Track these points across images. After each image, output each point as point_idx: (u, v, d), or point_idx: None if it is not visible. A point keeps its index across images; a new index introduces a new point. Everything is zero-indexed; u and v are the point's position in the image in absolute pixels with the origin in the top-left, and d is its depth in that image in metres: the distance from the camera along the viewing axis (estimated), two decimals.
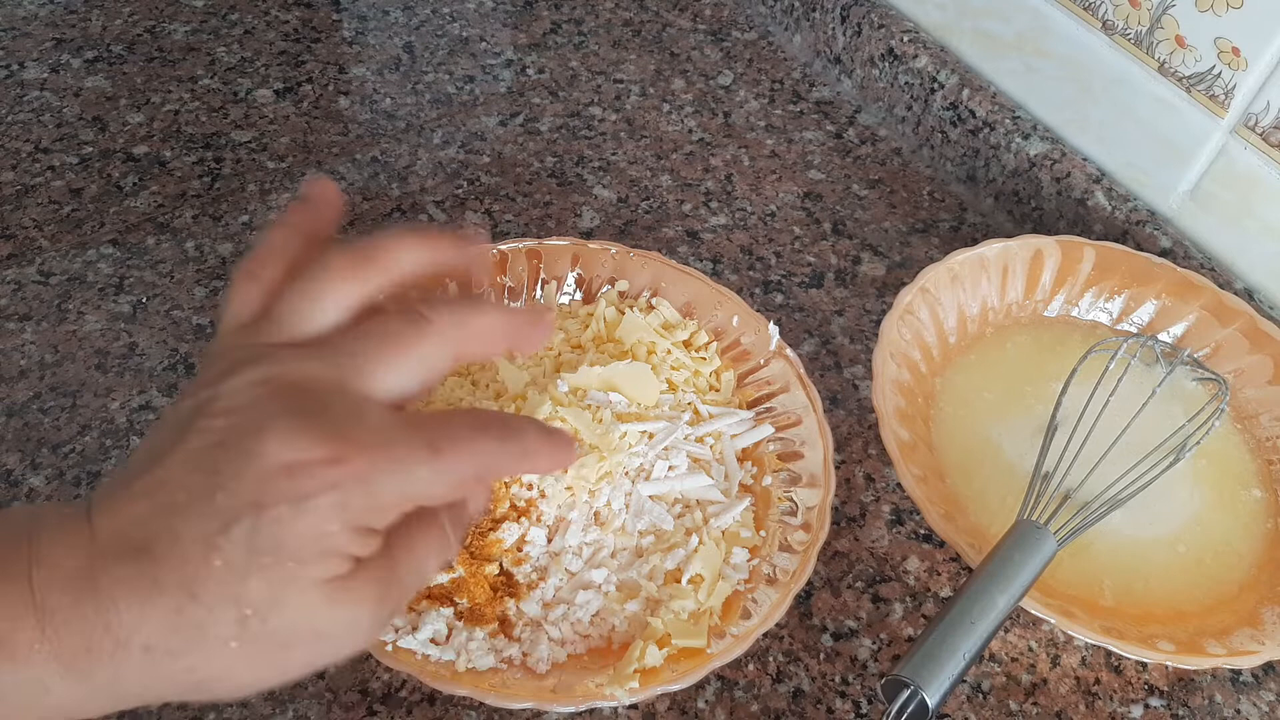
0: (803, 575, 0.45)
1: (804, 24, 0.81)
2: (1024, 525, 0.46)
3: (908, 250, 0.67)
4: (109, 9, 0.79)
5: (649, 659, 0.42)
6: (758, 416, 0.53)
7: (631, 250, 0.56)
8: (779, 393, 0.53)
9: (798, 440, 0.51)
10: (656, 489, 0.48)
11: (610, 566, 0.46)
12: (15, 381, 0.54)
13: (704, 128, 0.75)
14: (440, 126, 0.72)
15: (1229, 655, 0.45)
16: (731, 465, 0.51)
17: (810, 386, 0.51)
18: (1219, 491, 0.54)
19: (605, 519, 0.47)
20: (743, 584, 0.46)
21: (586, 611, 0.45)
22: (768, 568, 0.46)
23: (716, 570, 0.46)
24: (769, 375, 0.53)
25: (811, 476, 0.49)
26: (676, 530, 0.48)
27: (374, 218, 0.65)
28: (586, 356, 0.53)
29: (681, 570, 0.46)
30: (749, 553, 0.48)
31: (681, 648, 0.43)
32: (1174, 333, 0.59)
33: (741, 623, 0.44)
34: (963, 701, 0.47)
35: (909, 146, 0.75)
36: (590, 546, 0.47)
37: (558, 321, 0.55)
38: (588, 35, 0.82)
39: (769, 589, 0.45)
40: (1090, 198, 0.65)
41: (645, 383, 0.51)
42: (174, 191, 0.65)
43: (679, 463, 0.49)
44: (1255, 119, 0.57)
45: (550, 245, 0.56)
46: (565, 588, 0.45)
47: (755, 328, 0.54)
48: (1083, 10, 0.64)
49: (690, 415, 0.52)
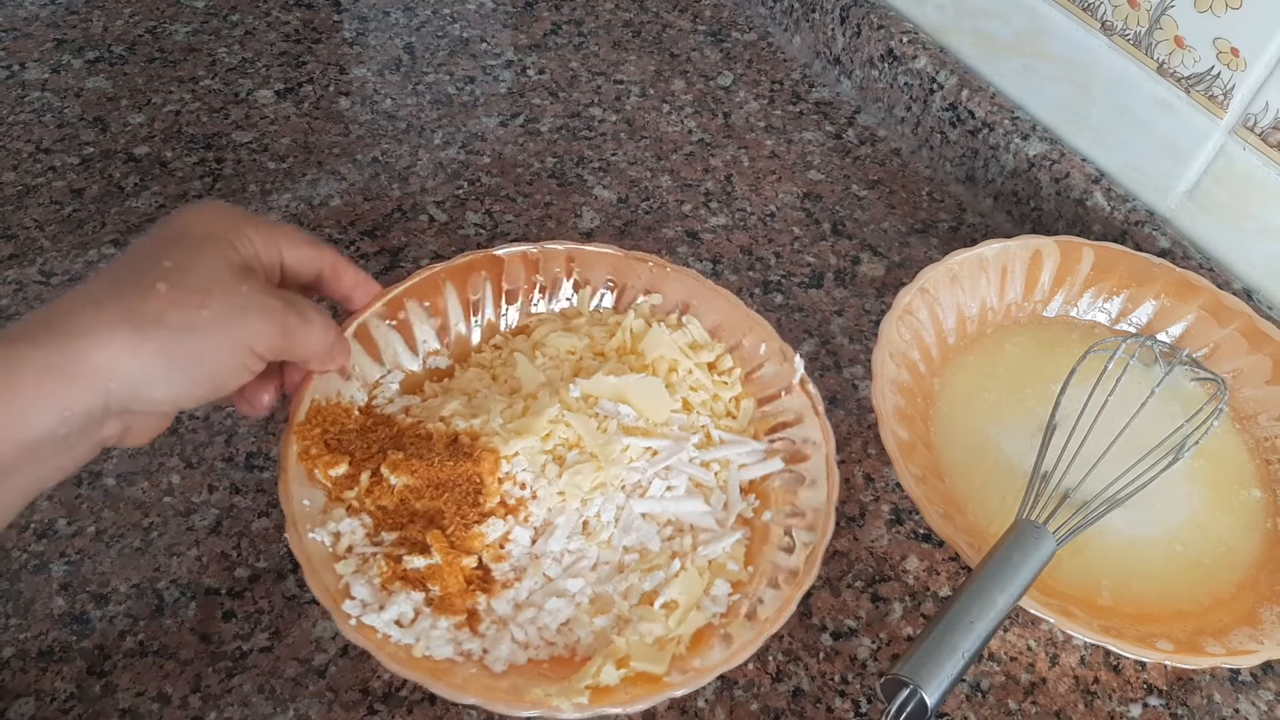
0: (780, 619, 0.43)
1: (804, 25, 0.81)
2: (1023, 525, 0.46)
3: (907, 250, 0.67)
4: (110, 10, 0.79)
5: (604, 677, 0.42)
6: (770, 447, 0.51)
7: (670, 268, 0.55)
8: (794, 424, 0.51)
9: (806, 477, 0.49)
10: (650, 507, 0.48)
11: (588, 578, 0.46)
12: None
13: (704, 128, 0.75)
14: (441, 127, 0.72)
15: (1227, 655, 0.45)
16: (733, 495, 0.49)
17: (826, 425, 0.50)
18: (1217, 491, 0.54)
19: (593, 529, 0.47)
20: (718, 618, 0.45)
21: (555, 619, 0.44)
22: (748, 605, 0.45)
23: (693, 599, 0.45)
24: (787, 405, 0.52)
25: (814, 513, 0.47)
26: (662, 552, 0.47)
27: (374, 218, 0.65)
28: (606, 365, 0.52)
29: (657, 593, 0.45)
30: (732, 587, 0.46)
31: (639, 671, 0.42)
32: (1173, 333, 0.59)
33: (707, 656, 0.43)
34: (962, 700, 0.47)
35: (908, 147, 0.75)
36: (572, 554, 0.46)
37: (585, 327, 0.55)
38: (588, 36, 0.82)
39: (746, 624, 0.44)
40: (1089, 198, 0.65)
41: (657, 398, 0.50)
42: (175, 192, 0.66)
43: (678, 484, 0.49)
44: (1254, 119, 0.57)
45: (589, 251, 0.56)
46: (539, 592, 0.45)
47: (782, 357, 0.52)
48: (1082, 11, 0.64)
49: (701, 438, 0.51)
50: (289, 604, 0.47)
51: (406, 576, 0.44)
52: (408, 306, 0.52)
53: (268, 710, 0.44)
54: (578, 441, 0.48)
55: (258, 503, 0.51)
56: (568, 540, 0.46)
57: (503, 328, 0.56)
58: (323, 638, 0.47)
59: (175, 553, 0.49)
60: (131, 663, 0.45)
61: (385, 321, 0.52)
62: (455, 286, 0.54)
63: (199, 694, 0.44)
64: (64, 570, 0.48)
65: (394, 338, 0.52)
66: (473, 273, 0.54)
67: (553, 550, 0.46)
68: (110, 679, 0.45)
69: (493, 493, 0.46)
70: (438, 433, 0.48)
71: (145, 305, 0.36)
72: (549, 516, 0.47)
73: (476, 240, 0.65)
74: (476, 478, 0.46)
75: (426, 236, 0.64)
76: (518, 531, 0.46)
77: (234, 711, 0.44)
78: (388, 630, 0.42)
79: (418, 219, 0.66)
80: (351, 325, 0.50)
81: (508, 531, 0.46)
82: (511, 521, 0.46)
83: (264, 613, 0.47)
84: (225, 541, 0.49)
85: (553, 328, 0.55)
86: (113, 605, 0.47)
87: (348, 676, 0.46)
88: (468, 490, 0.46)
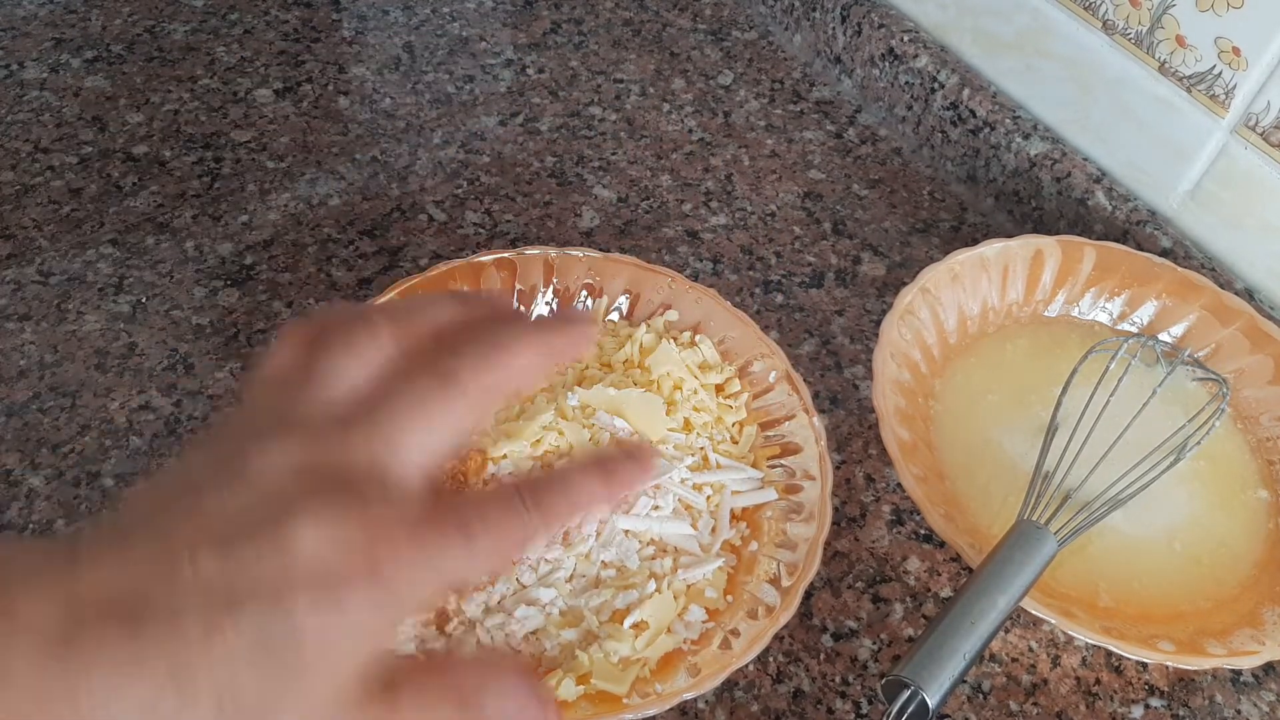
0: (748, 653, 0.43)
1: (804, 24, 0.81)
2: (1024, 525, 0.46)
3: (908, 250, 0.67)
4: (108, 9, 0.79)
5: (563, 692, 0.41)
6: (767, 476, 0.50)
7: (689, 286, 0.55)
8: (791, 453, 0.51)
9: (800, 510, 0.48)
10: (633, 524, 0.47)
11: (561, 589, 0.45)
12: (15, 381, 0.54)
13: (704, 127, 0.75)
14: (440, 126, 0.72)
15: (1229, 655, 0.45)
16: (722, 521, 0.49)
17: (826, 461, 0.49)
18: (1219, 492, 0.54)
19: (572, 541, 0.46)
20: (688, 644, 0.45)
21: (523, 627, 0.44)
22: (722, 635, 0.44)
23: (664, 623, 0.44)
24: (788, 432, 0.51)
25: (804, 545, 0.46)
26: (640, 571, 0.46)
27: (373, 217, 0.65)
28: (610, 376, 0.52)
29: (628, 612, 0.44)
30: (708, 614, 0.46)
31: (599, 690, 0.42)
32: (1174, 333, 0.59)
33: (671, 681, 0.42)
34: (963, 702, 0.47)
35: (909, 146, 0.75)
36: (549, 564, 0.46)
37: (596, 338, 0.54)
38: (588, 35, 0.82)
39: (715, 651, 0.44)
40: (1091, 197, 0.65)
41: (654, 415, 0.50)
42: (173, 191, 0.65)
43: (665, 504, 0.48)
44: (1256, 119, 0.57)
45: (611, 259, 0.56)
46: (510, 598, 0.45)
47: (789, 389, 0.52)
48: (1083, 10, 0.64)
49: (698, 460, 0.50)
50: None
51: None
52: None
53: None
54: (568, 451, 0.48)
55: None
56: (545, 548, 0.46)
57: None
58: None
59: None
60: None
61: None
62: (469, 286, 0.54)
63: None
64: None
65: None
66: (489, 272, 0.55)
67: (529, 557, 0.45)
68: None
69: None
70: None
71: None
72: None
73: (476, 240, 0.65)
74: (461, 476, 0.46)
75: (426, 236, 0.64)
76: None
77: None
78: None
79: (417, 218, 0.65)
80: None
81: None
82: None
83: None
84: None
85: None
86: None
87: None
88: (450, 489, 0.45)
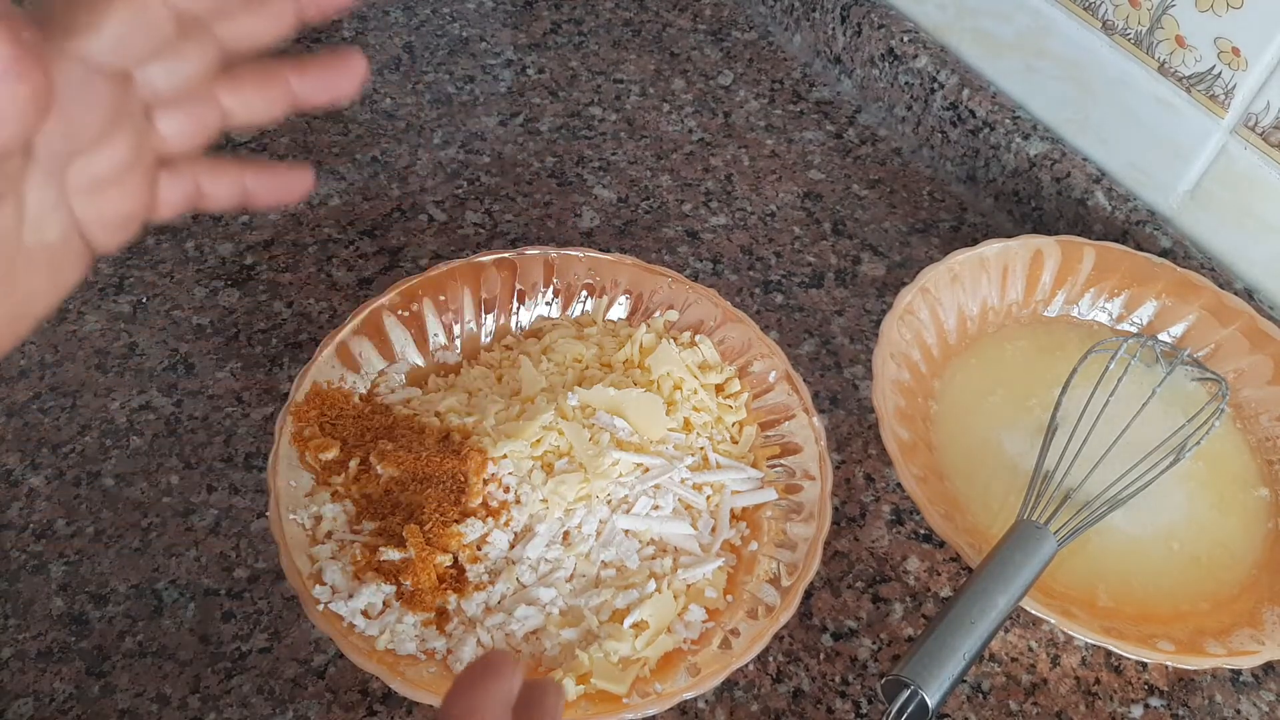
0: (747, 653, 0.43)
1: (804, 24, 0.81)
2: (1024, 525, 0.46)
3: (908, 250, 0.67)
4: None
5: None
6: (767, 476, 0.50)
7: (689, 286, 0.55)
8: (791, 453, 0.51)
9: (800, 510, 0.48)
10: (633, 524, 0.47)
11: (561, 589, 0.45)
12: (15, 381, 0.54)
13: (704, 128, 0.75)
14: (440, 126, 0.72)
15: (1229, 655, 0.45)
16: (722, 521, 0.49)
17: (826, 462, 0.49)
18: (1219, 492, 0.54)
19: (573, 540, 0.46)
20: (688, 644, 0.45)
21: (523, 626, 0.44)
22: (721, 634, 0.44)
23: (664, 622, 0.45)
24: (790, 435, 0.51)
25: (803, 545, 0.46)
26: (640, 571, 0.46)
27: (373, 217, 0.65)
28: (610, 376, 0.52)
29: (628, 611, 0.44)
30: (708, 614, 0.46)
31: (599, 689, 0.42)
32: (1174, 333, 0.59)
33: (672, 681, 0.43)
34: (963, 701, 0.47)
35: (909, 146, 0.75)
36: (549, 563, 0.46)
37: (596, 336, 0.54)
38: (588, 35, 0.82)
39: (715, 651, 0.44)
40: (1090, 198, 0.65)
41: (653, 415, 0.50)
42: None
43: (665, 504, 0.48)
44: (1255, 119, 0.57)
45: (611, 260, 0.56)
46: (511, 598, 0.45)
47: (789, 389, 0.52)
48: (1083, 10, 0.64)
49: (698, 460, 0.50)
50: (288, 605, 0.47)
51: (380, 568, 0.44)
52: (422, 301, 0.53)
53: (267, 711, 0.44)
54: (568, 450, 0.48)
55: (257, 503, 0.51)
56: (546, 548, 0.46)
57: (514, 328, 0.56)
58: (322, 638, 0.46)
59: (174, 553, 0.49)
60: (130, 663, 0.45)
61: (397, 312, 0.52)
62: (469, 285, 0.54)
63: (198, 695, 0.44)
64: (63, 571, 0.48)
65: (403, 331, 0.53)
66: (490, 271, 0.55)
67: (529, 557, 0.46)
68: (109, 680, 0.45)
69: (476, 493, 0.46)
70: (431, 427, 0.48)
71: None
72: (530, 523, 0.46)
73: (476, 240, 0.65)
74: (461, 476, 0.46)
75: (426, 236, 0.64)
76: (496, 535, 0.45)
77: (233, 712, 0.44)
78: (354, 619, 0.42)
79: (417, 218, 0.65)
80: (362, 314, 0.50)
81: (486, 533, 0.45)
82: (491, 524, 0.45)
83: (263, 613, 0.47)
84: (224, 542, 0.49)
85: (564, 334, 0.54)
86: (111, 606, 0.47)
87: (347, 677, 0.45)
88: (451, 488, 0.46)
